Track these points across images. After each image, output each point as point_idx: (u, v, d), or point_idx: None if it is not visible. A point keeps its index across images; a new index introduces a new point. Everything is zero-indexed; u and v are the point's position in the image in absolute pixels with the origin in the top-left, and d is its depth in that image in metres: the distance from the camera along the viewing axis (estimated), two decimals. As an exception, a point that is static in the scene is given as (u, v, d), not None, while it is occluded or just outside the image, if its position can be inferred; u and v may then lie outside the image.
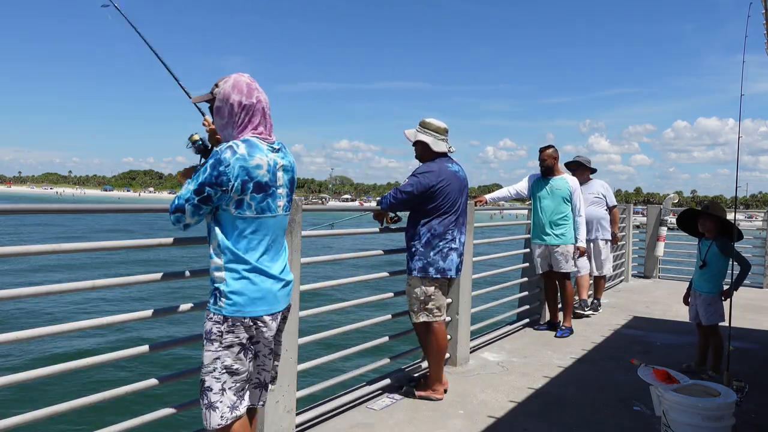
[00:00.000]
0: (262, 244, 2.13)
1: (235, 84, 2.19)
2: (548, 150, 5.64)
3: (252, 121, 2.19)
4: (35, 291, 2.00)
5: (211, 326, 2.08)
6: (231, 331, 2.07)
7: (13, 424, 1.91)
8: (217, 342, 2.07)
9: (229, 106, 2.17)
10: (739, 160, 3.63)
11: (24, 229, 35.81)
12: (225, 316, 2.07)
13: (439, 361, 3.68)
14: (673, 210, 9.50)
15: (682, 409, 2.79)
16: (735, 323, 3.61)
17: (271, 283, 2.15)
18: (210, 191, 2.03)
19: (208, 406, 2.08)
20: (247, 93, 2.19)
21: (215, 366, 2.07)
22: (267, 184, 2.12)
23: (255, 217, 2.10)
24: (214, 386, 2.07)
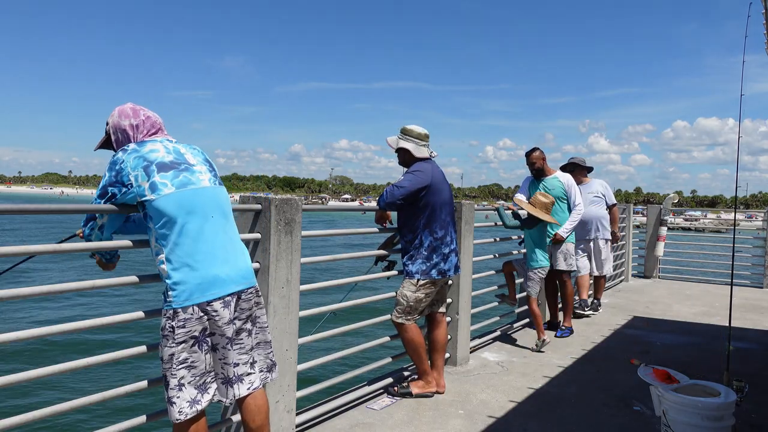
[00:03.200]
0: (195, 227, 2.12)
1: (120, 112, 2.31)
2: (535, 153, 5.67)
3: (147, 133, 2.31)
4: (35, 291, 2.00)
5: (164, 322, 2.09)
6: (182, 326, 2.07)
7: (13, 424, 1.91)
8: (170, 338, 2.07)
9: (123, 132, 2.29)
10: (739, 160, 3.64)
11: (26, 226, 35.81)
12: (174, 310, 2.06)
13: (421, 355, 3.70)
14: (673, 210, 9.50)
15: (682, 409, 2.79)
16: (735, 323, 3.62)
17: (214, 265, 2.12)
18: (113, 190, 2.13)
19: (168, 400, 2.10)
20: (133, 115, 2.32)
21: (171, 362, 2.08)
22: (173, 162, 2.18)
23: (178, 192, 2.11)
24: (171, 381, 2.09)
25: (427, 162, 3.70)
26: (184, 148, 2.29)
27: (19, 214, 2.02)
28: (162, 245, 2.09)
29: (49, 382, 7.52)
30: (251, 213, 2.80)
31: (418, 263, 3.62)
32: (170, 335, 2.07)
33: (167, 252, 2.08)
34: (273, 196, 2.81)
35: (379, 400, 3.64)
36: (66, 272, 18.44)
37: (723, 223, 24.77)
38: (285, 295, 2.84)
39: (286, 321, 2.85)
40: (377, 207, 3.70)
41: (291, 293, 2.88)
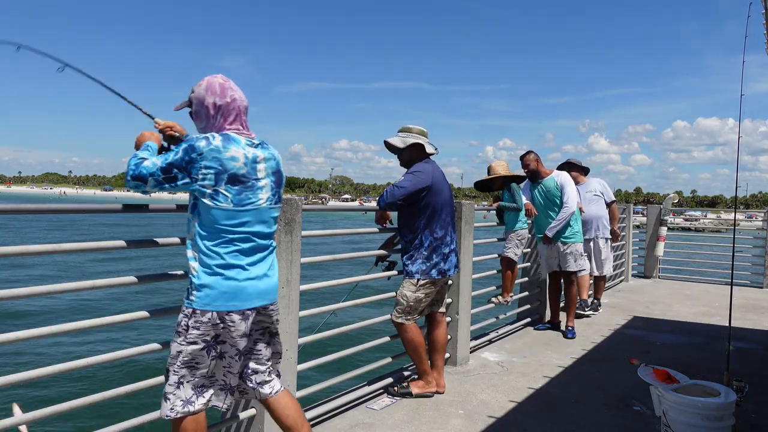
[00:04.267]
0: (239, 239, 2.13)
1: (208, 86, 2.23)
2: (527, 156, 5.70)
3: (227, 119, 2.22)
4: (35, 291, 2.00)
5: (181, 318, 2.11)
6: (197, 327, 2.08)
7: (13, 423, 1.91)
8: (183, 336, 2.09)
9: (204, 108, 2.22)
10: (739, 160, 3.64)
11: (27, 225, 35.82)
12: (194, 309, 2.08)
13: (421, 355, 3.70)
14: (673, 210, 9.50)
15: (682, 409, 2.79)
16: (735, 323, 3.62)
17: (245, 279, 2.13)
18: (177, 173, 2.07)
19: (164, 395, 2.12)
20: (220, 93, 2.22)
21: (177, 358, 2.10)
22: (244, 176, 2.13)
23: (233, 210, 2.10)
24: (171, 378, 2.11)
25: (428, 162, 3.71)
26: (261, 155, 2.22)
27: (19, 214, 2.02)
28: (200, 245, 2.09)
29: (50, 382, 7.52)
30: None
31: (418, 263, 3.62)
32: (183, 333, 2.09)
33: (203, 254, 2.09)
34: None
35: (379, 400, 3.64)
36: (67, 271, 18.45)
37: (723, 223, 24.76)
38: (285, 295, 2.84)
39: (286, 321, 2.85)
40: (377, 207, 3.70)
41: (291, 293, 2.88)
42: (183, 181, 2.07)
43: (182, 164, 2.05)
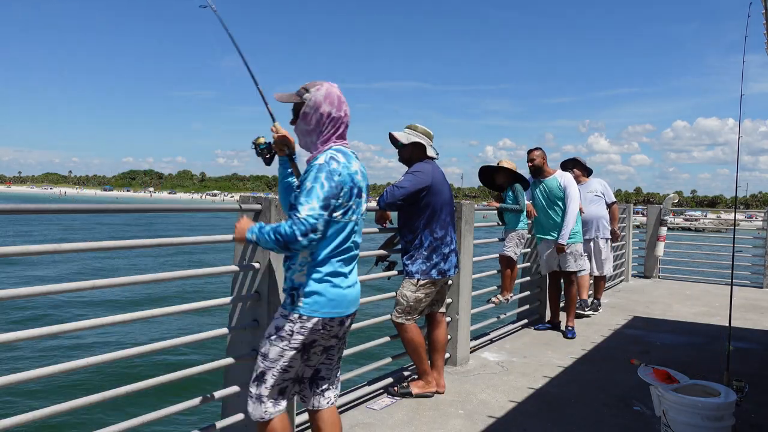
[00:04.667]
0: (346, 249, 2.21)
1: (327, 94, 2.23)
2: (536, 151, 5.70)
3: (336, 132, 2.25)
4: (35, 291, 2.00)
5: (284, 323, 2.15)
6: (301, 333, 2.14)
7: (13, 424, 1.91)
8: (287, 341, 2.15)
9: (318, 114, 2.22)
10: (739, 160, 3.64)
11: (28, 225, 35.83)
12: (300, 315, 2.14)
13: (421, 354, 3.71)
14: (673, 210, 9.50)
15: (682, 409, 2.79)
16: (735, 323, 3.61)
17: (347, 287, 2.23)
18: (333, 203, 2.10)
19: (257, 397, 2.17)
20: (337, 105, 2.25)
21: (277, 363, 2.15)
22: (363, 189, 2.24)
23: (345, 221, 2.18)
24: (269, 381, 2.16)
25: (428, 162, 3.71)
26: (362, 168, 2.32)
27: (19, 214, 2.02)
28: (315, 254, 2.16)
29: (50, 382, 7.52)
30: (251, 213, 2.80)
31: (418, 263, 3.62)
32: (287, 338, 2.14)
33: (315, 263, 2.15)
34: (273, 197, 2.81)
35: (379, 400, 3.64)
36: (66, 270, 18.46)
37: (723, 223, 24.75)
38: (285, 295, 2.83)
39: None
40: (377, 207, 3.71)
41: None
42: (337, 205, 2.12)
43: (336, 192, 2.11)
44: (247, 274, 2.81)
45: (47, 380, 6.70)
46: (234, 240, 2.33)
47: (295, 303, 2.15)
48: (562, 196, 5.54)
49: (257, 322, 2.77)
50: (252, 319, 2.79)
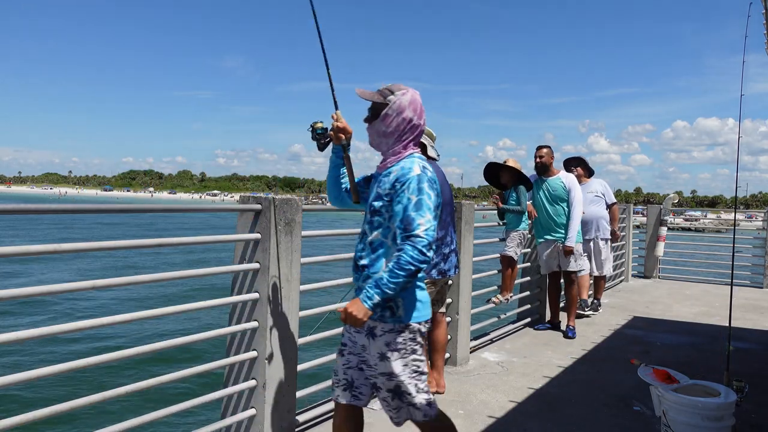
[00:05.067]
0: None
1: (412, 101, 2.23)
2: (544, 149, 5.69)
3: (414, 140, 2.25)
4: (35, 291, 2.00)
5: (394, 337, 2.14)
6: (413, 338, 2.16)
7: (13, 424, 1.91)
8: (403, 350, 2.15)
9: (400, 119, 2.21)
10: (739, 160, 3.64)
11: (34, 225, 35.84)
12: (406, 324, 2.15)
13: None
14: (673, 210, 9.50)
15: (682, 409, 2.79)
16: (735, 323, 3.61)
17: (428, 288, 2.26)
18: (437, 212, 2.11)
19: (410, 404, 2.21)
20: (419, 114, 2.25)
21: (406, 372, 2.16)
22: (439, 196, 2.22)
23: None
24: (410, 389, 2.18)
25: (430, 163, 3.71)
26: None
27: (20, 214, 2.02)
28: None
29: (50, 382, 7.52)
30: (251, 213, 2.80)
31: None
32: (403, 347, 2.15)
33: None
34: (273, 196, 2.81)
35: (379, 400, 3.63)
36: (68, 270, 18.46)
37: (723, 223, 24.75)
38: (285, 295, 2.84)
39: (286, 321, 2.86)
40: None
41: (291, 293, 2.88)
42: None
43: (439, 201, 2.13)
44: (247, 274, 2.81)
45: (47, 380, 6.70)
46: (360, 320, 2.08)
47: (396, 314, 2.14)
48: (565, 198, 5.53)
49: (257, 321, 2.77)
50: (252, 319, 2.79)
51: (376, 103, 2.24)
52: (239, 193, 17.90)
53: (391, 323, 2.14)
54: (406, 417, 2.25)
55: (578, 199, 5.54)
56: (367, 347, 2.19)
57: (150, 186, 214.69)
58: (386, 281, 2.00)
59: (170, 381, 2.47)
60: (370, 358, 2.19)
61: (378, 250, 2.17)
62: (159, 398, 6.34)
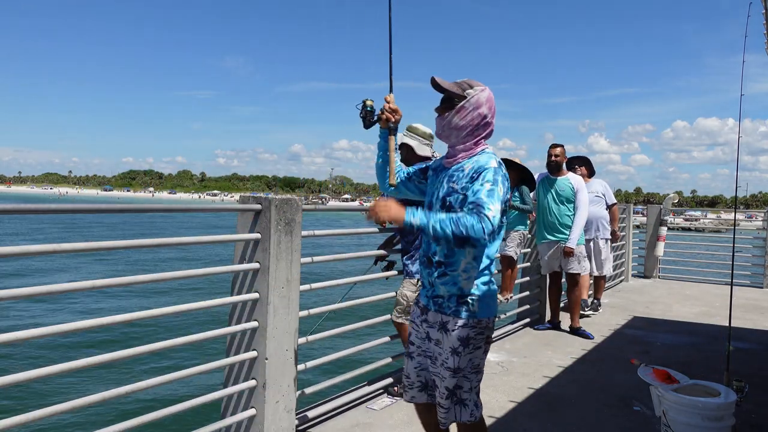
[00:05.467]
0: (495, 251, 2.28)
1: (489, 98, 2.27)
2: (559, 148, 5.67)
3: (486, 137, 2.28)
4: (35, 291, 2.00)
5: (468, 332, 2.17)
6: (482, 333, 2.20)
7: (13, 424, 1.91)
8: (472, 345, 2.18)
9: (475, 114, 2.22)
10: (739, 160, 3.64)
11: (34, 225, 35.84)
12: (479, 320, 2.18)
13: None
14: (673, 210, 9.50)
15: (682, 409, 2.79)
16: (735, 323, 3.61)
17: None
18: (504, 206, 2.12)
19: (458, 402, 2.21)
20: (493, 111, 2.28)
21: (469, 368, 2.19)
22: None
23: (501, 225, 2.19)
24: (464, 385, 2.20)
25: (427, 162, 3.70)
26: None
27: (20, 214, 2.02)
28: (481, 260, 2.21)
29: (50, 382, 7.52)
30: (251, 213, 2.80)
31: (418, 263, 3.62)
32: (473, 343, 2.18)
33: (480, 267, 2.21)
34: (273, 196, 2.81)
35: (379, 400, 3.64)
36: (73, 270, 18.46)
37: (723, 223, 24.75)
38: (285, 295, 2.84)
39: (286, 321, 2.86)
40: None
41: (291, 293, 2.88)
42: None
43: (506, 198, 2.13)
44: (247, 274, 2.81)
45: (47, 380, 6.71)
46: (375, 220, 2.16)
47: (471, 309, 2.17)
48: (572, 199, 5.52)
49: (257, 321, 2.77)
50: (252, 319, 2.79)
51: (453, 95, 2.24)
52: (239, 193, 17.92)
53: (465, 318, 2.17)
54: (453, 419, 2.24)
55: (585, 201, 5.53)
56: (441, 342, 2.21)
57: (150, 186, 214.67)
58: (438, 222, 2.00)
59: (170, 381, 2.47)
60: (443, 352, 2.20)
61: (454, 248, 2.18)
62: (159, 398, 6.34)
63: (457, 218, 1.99)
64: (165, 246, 2.48)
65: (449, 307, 2.18)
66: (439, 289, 2.22)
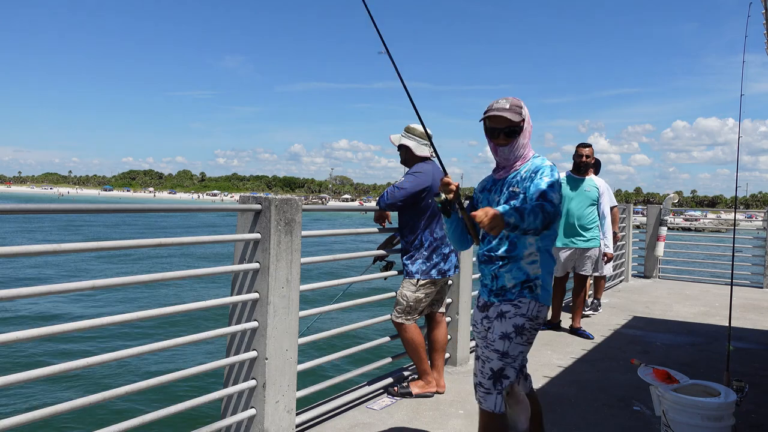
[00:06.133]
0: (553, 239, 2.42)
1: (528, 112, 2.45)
2: (589, 148, 5.48)
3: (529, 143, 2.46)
4: (35, 291, 2.00)
5: (523, 322, 2.29)
6: (535, 329, 2.32)
7: (13, 424, 1.92)
8: (525, 337, 2.30)
9: (530, 127, 2.43)
10: (739, 159, 3.64)
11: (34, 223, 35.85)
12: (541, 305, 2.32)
13: (420, 354, 3.71)
14: (673, 210, 9.50)
15: (682, 409, 2.79)
16: (735, 323, 3.62)
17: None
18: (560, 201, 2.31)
19: (498, 392, 2.29)
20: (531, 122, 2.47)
21: (517, 358, 2.30)
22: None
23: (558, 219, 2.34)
24: (511, 375, 2.30)
25: (428, 163, 3.71)
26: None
27: (20, 214, 2.02)
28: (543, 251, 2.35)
29: (49, 382, 7.52)
30: (251, 213, 2.80)
31: (418, 263, 3.63)
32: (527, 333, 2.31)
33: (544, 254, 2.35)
34: (273, 196, 2.81)
35: (379, 400, 3.64)
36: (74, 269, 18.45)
37: (723, 223, 24.77)
38: (285, 295, 2.84)
39: (286, 321, 2.86)
40: (377, 207, 3.71)
41: (291, 293, 2.88)
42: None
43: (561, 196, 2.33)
44: (247, 274, 2.81)
45: (47, 380, 6.71)
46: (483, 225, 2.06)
47: (534, 292, 2.31)
48: (595, 201, 5.42)
49: (257, 321, 2.77)
50: (252, 319, 2.79)
51: (513, 123, 2.36)
52: (239, 193, 17.92)
53: (528, 299, 2.29)
54: (491, 406, 2.31)
55: (606, 203, 5.50)
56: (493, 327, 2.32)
57: (150, 186, 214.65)
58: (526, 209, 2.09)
59: (170, 381, 2.47)
60: (493, 335, 2.31)
61: (516, 243, 2.33)
62: (159, 398, 6.34)
63: (542, 206, 2.14)
64: (165, 246, 2.48)
65: (512, 293, 2.31)
66: (504, 279, 2.34)
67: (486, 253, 2.41)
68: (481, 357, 2.35)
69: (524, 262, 2.32)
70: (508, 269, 2.33)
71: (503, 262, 2.34)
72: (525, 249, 2.32)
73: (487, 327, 2.38)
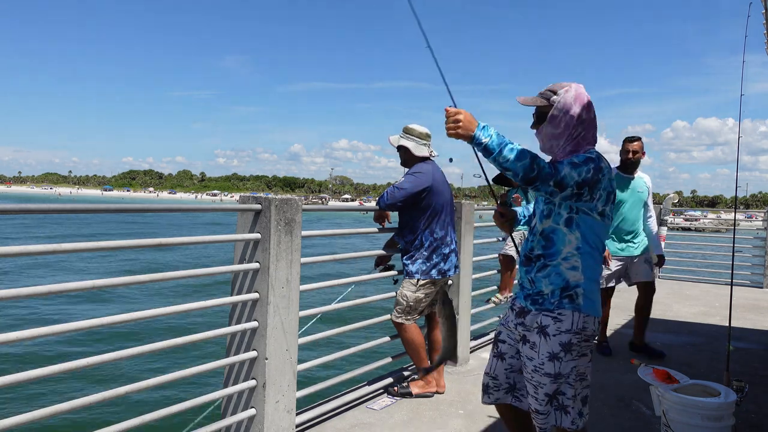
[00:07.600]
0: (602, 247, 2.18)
1: (577, 96, 2.16)
2: (637, 142, 4.69)
3: (587, 135, 2.17)
4: (35, 291, 2.00)
5: (570, 338, 2.08)
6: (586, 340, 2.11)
7: (13, 424, 1.91)
8: (576, 352, 2.10)
9: (568, 117, 2.14)
10: (739, 159, 3.64)
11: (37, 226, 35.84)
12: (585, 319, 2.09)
13: (421, 354, 3.71)
14: (673, 210, 9.49)
15: (682, 409, 2.79)
16: (735, 323, 3.62)
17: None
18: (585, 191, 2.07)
19: (560, 407, 2.13)
20: (587, 107, 2.17)
21: (573, 376, 2.10)
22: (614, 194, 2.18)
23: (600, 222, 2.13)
24: (568, 392, 2.11)
25: (428, 163, 3.71)
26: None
27: (20, 213, 2.02)
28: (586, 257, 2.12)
29: (49, 382, 7.52)
30: (251, 213, 2.80)
31: (418, 263, 3.63)
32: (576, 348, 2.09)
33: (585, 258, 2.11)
34: (273, 196, 2.81)
35: (379, 400, 3.64)
36: (66, 272, 18.44)
37: (723, 223, 24.76)
38: (285, 295, 2.84)
39: (286, 321, 2.85)
40: (377, 207, 3.71)
41: (291, 293, 2.88)
42: (585, 196, 2.07)
43: (591, 182, 2.06)
44: (247, 274, 2.81)
45: (48, 380, 6.71)
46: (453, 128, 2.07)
47: (575, 301, 2.09)
48: (645, 203, 4.80)
49: (257, 321, 2.77)
50: (252, 319, 2.79)
51: (541, 107, 2.19)
52: (239, 193, 17.92)
53: (570, 309, 2.08)
54: (553, 423, 2.15)
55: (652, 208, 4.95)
56: (537, 346, 2.12)
57: (150, 186, 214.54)
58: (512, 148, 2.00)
59: (170, 381, 2.47)
60: (538, 357, 2.11)
61: (551, 237, 2.14)
62: (159, 398, 6.35)
63: (535, 155, 1.98)
64: (165, 246, 2.48)
65: (551, 302, 2.10)
66: (541, 284, 2.14)
67: (523, 255, 2.27)
68: (531, 382, 2.15)
69: (563, 267, 2.11)
70: (546, 274, 2.13)
71: (539, 263, 2.15)
72: (563, 246, 2.11)
73: (522, 335, 2.20)
